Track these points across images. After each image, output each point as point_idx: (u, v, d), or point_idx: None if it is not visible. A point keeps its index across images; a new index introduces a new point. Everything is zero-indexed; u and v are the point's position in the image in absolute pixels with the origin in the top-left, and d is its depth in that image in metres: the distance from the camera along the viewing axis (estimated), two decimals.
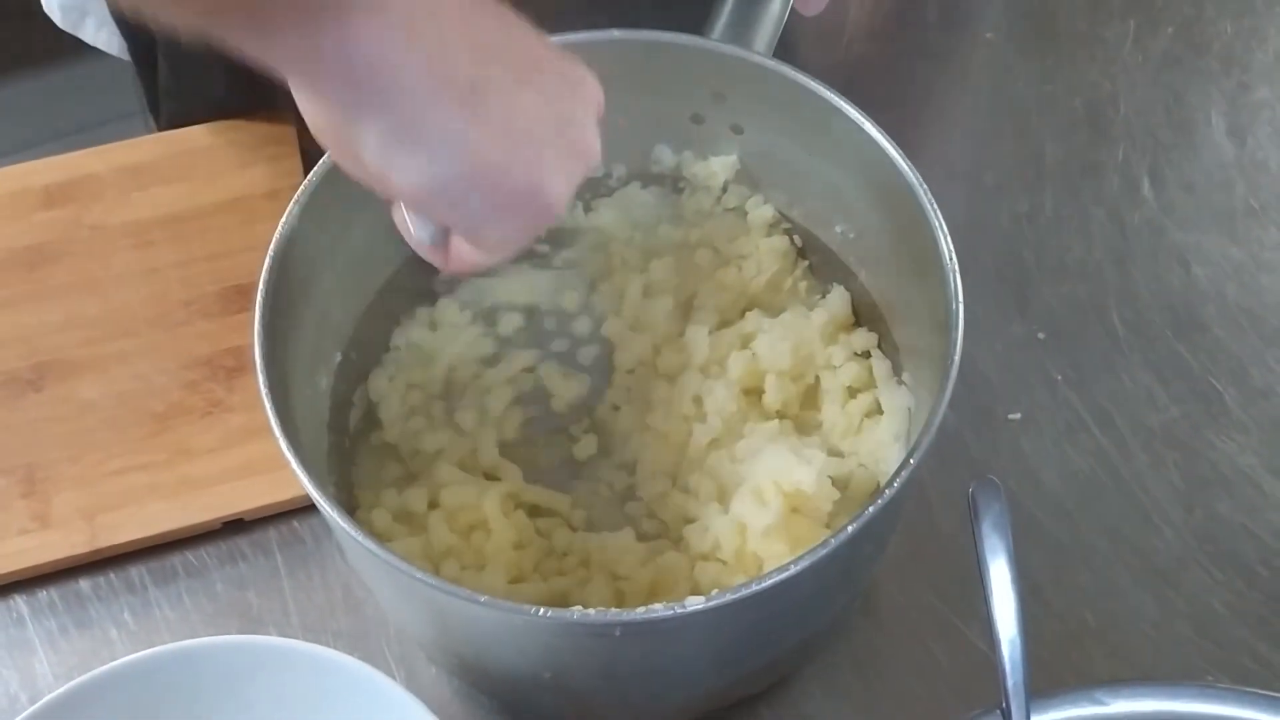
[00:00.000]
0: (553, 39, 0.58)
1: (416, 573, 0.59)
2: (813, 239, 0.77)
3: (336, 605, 0.75)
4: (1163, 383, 0.81)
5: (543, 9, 0.58)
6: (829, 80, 0.70)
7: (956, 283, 0.64)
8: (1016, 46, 0.95)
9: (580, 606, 0.59)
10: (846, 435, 0.72)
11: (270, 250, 0.66)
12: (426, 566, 0.67)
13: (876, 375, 0.73)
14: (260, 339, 0.64)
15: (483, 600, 0.58)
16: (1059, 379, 0.81)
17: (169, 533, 0.76)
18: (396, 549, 0.63)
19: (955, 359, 0.62)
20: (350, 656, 0.65)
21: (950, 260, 0.65)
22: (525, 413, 0.75)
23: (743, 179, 0.77)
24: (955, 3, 0.97)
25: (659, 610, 0.57)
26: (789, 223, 0.77)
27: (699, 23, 0.73)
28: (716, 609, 0.57)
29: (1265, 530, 0.76)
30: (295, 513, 0.77)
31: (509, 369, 0.75)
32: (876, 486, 0.70)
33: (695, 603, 0.57)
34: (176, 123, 0.89)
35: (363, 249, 0.72)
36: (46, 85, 1.57)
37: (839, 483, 0.70)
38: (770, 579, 0.58)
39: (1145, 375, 0.81)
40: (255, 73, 0.51)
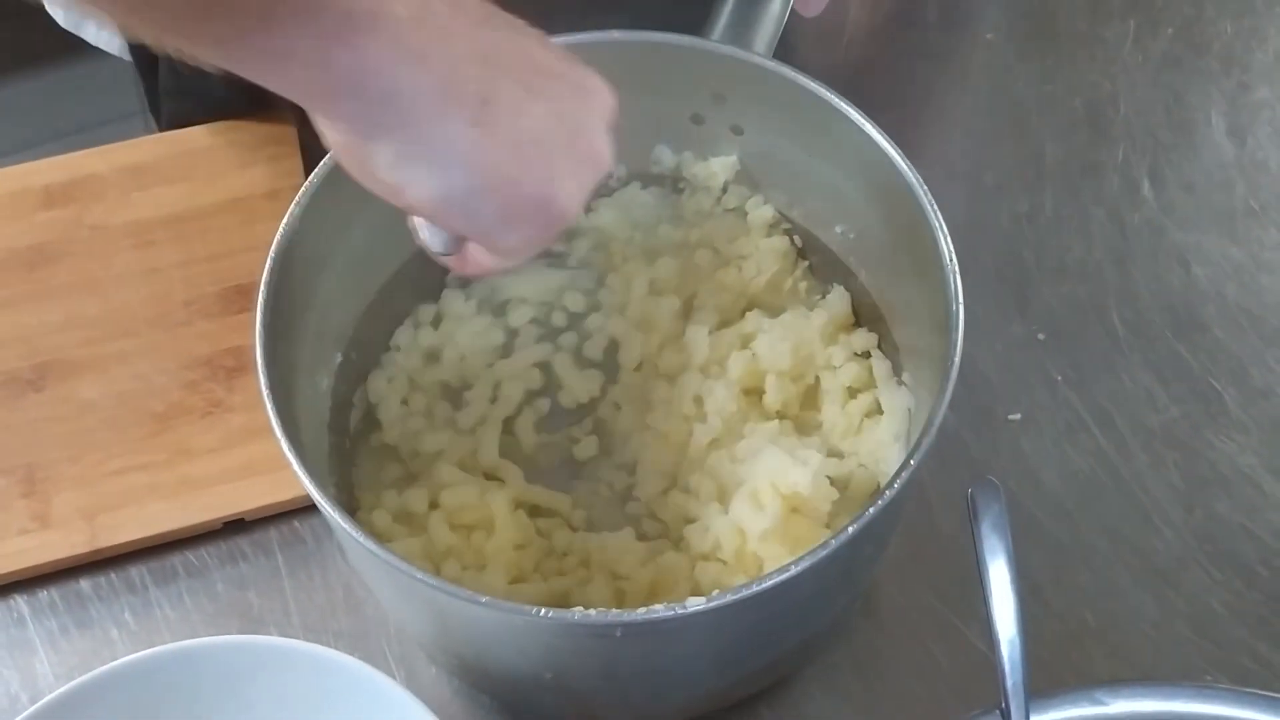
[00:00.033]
0: (554, 41, 0.59)
1: (417, 573, 0.59)
2: (813, 239, 0.77)
3: (337, 605, 0.75)
4: (1163, 383, 0.81)
5: (543, 10, 0.58)
6: (829, 81, 0.70)
7: (956, 283, 0.64)
8: (1016, 47, 0.95)
9: (581, 607, 0.59)
10: (846, 435, 0.72)
11: (271, 251, 0.66)
12: (427, 567, 0.67)
13: (876, 375, 0.73)
14: (261, 339, 0.64)
15: (484, 601, 0.58)
16: (1059, 379, 0.81)
17: (169, 533, 0.76)
18: (397, 549, 0.63)
19: (955, 359, 0.62)
20: (351, 656, 0.65)
21: (950, 260, 0.65)
22: (536, 408, 0.75)
23: (743, 179, 0.77)
24: (955, 3, 0.97)
25: (660, 611, 0.57)
26: (789, 223, 0.77)
27: (699, 23, 0.73)
28: (717, 610, 0.57)
29: (1265, 530, 0.76)
30: (296, 513, 0.77)
31: (521, 360, 0.75)
32: (876, 487, 0.70)
33: (696, 603, 0.57)
34: (177, 123, 0.89)
35: (363, 250, 0.72)
36: (47, 85, 1.57)
37: (839, 483, 0.70)
38: (771, 580, 0.58)
39: (1145, 375, 0.81)
40: None
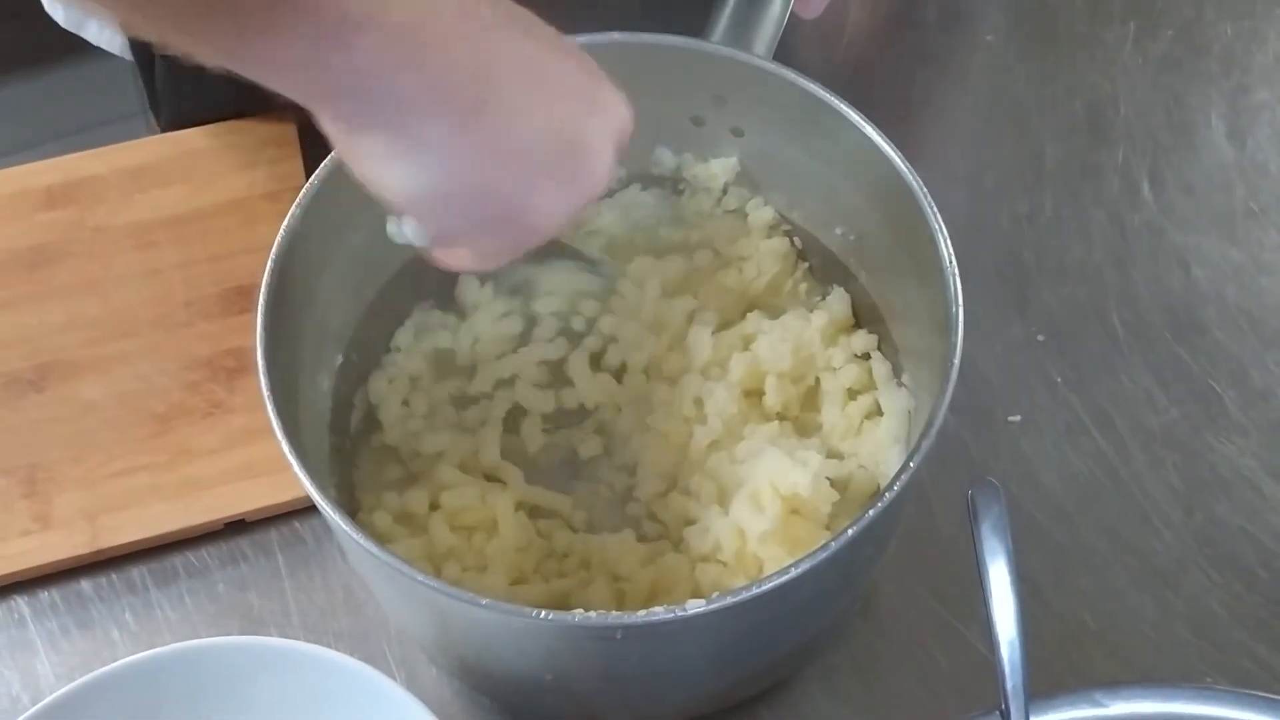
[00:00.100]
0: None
1: (418, 575, 0.59)
2: (813, 241, 0.77)
3: (337, 606, 0.75)
4: (1162, 385, 0.81)
5: (542, 11, 0.58)
6: (829, 83, 0.70)
7: (956, 285, 0.64)
8: (1016, 48, 0.95)
9: (581, 609, 0.59)
10: (846, 437, 0.72)
11: (272, 252, 0.66)
12: (427, 568, 0.67)
13: (876, 377, 0.73)
14: (262, 340, 0.64)
15: (484, 603, 0.58)
16: (1059, 381, 0.81)
17: (170, 533, 0.76)
18: (397, 551, 0.63)
19: (955, 361, 0.62)
20: (351, 657, 0.65)
21: (950, 262, 0.65)
22: (541, 407, 0.75)
23: (743, 181, 0.77)
24: (955, 4, 0.97)
25: (660, 613, 0.57)
26: (789, 225, 0.77)
27: (699, 25, 0.74)
28: (717, 612, 0.58)
29: (1264, 532, 0.76)
30: (296, 514, 0.77)
31: (533, 355, 0.75)
32: (876, 489, 0.70)
33: (696, 605, 0.57)
34: (177, 123, 0.89)
35: (363, 251, 0.72)
36: (47, 85, 1.57)
37: (839, 485, 0.70)
38: (770, 582, 0.58)
39: (1145, 377, 0.81)
40: None
